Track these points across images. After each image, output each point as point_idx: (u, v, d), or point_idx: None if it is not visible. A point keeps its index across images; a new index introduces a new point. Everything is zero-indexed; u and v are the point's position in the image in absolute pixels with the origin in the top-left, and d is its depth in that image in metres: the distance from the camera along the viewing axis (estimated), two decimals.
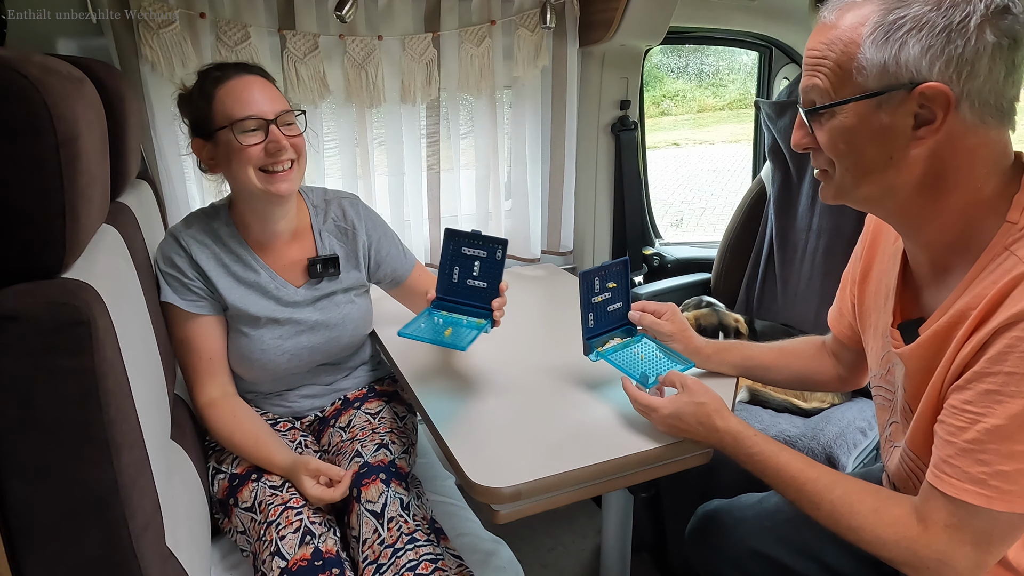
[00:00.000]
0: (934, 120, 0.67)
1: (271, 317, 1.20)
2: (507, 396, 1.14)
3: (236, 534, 1.11)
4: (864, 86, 0.69)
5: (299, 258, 1.23)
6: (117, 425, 0.68)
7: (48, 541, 0.66)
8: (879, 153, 0.71)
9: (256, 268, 1.20)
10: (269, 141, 1.08)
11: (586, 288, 1.08)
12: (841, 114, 0.72)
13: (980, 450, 0.67)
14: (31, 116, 0.60)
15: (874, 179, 0.74)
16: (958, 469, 0.69)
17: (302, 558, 1.00)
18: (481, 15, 1.72)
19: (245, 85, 1.10)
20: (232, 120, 1.07)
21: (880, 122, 0.69)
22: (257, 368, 1.21)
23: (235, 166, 1.09)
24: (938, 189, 0.72)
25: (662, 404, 0.96)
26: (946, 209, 0.73)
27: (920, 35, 0.65)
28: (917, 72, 0.66)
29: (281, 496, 1.09)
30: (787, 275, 1.85)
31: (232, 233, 1.20)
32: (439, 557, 1.02)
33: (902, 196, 0.74)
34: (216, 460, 1.19)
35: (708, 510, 1.17)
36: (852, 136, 0.72)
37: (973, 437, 0.68)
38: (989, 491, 0.67)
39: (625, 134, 1.99)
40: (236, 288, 1.18)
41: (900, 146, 0.70)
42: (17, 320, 0.62)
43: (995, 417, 0.66)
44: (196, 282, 1.15)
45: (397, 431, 1.25)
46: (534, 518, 1.00)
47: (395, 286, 1.38)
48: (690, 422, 0.93)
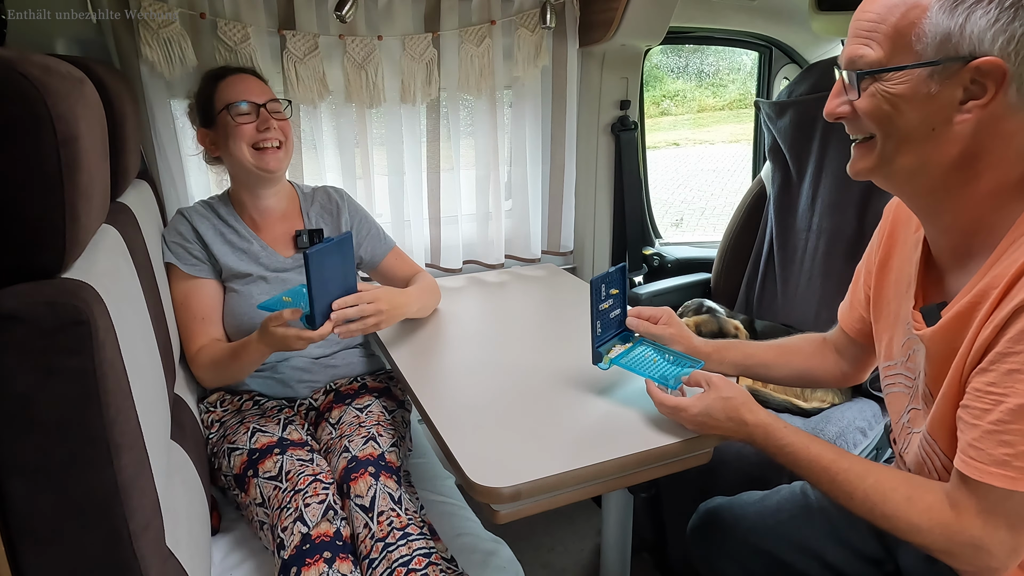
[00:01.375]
0: (983, 96, 0.67)
1: (260, 275, 1.36)
2: (507, 396, 1.15)
3: (255, 507, 1.12)
4: (922, 54, 0.68)
5: (288, 231, 1.42)
6: (117, 425, 0.68)
7: (48, 541, 0.66)
8: (923, 123, 0.71)
9: (249, 239, 1.38)
10: (259, 120, 1.31)
11: (596, 296, 1.08)
12: (892, 80, 0.70)
13: (1003, 431, 0.67)
14: (31, 116, 0.60)
15: (913, 149, 0.73)
16: (982, 452, 0.69)
17: (325, 533, 1.03)
18: (481, 15, 1.72)
19: (241, 79, 1.34)
20: (228, 102, 1.30)
21: (929, 91, 0.69)
22: (246, 322, 1.31)
23: (231, 144, 1.30)
24: (971, 170, 0.72)
25: (690, 404, 0.96)
26: (975, 192, 0.73)
27: (989, 7, 0.64)
28: (980, 44, 0.65)
29: (311, 468, 1.13)
30: (787, 275, 1.85)
31: (229, 211, 1.40)
32: (432, 552, 1.02)
33: (936, 174, 0.73)
34: (229, 442, 1.21)
35: (710, 507, 1.18)
36: (899, 102, 0.71)
37: (997, 418, 0.67)
38: (1014, 472, 0.67)
39: (625, 134, 1.99)
40: (231, 253, 1.35)
41: (944, 119, 0.69)
42: (17, 320, 0.62)
43: (1018, 396, 0.65)
44: (195, 246, 1.33)
45: (385, 424, 1.26)
46: (534, 518, 1.00)
47: (373, 267, 1.53)
48: (720, 418, 0.93)
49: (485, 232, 1.92)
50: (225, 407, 1.31)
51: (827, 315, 1.74)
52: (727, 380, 0.97)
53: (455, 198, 1.88)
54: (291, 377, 1.35)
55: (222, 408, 1.31)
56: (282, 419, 1.26)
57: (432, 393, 1.14)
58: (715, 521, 1.15)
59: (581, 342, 1.36)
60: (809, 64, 2.15)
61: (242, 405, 1.32)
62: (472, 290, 1.76)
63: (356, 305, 1.15)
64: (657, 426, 1.03)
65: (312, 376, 1.37)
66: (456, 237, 1.89)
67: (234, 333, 1.34)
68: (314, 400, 1.38)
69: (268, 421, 1.24)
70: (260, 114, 1.31)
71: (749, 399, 0.94)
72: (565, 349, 1.31)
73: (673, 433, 0.99)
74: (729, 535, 1.11)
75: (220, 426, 1.27)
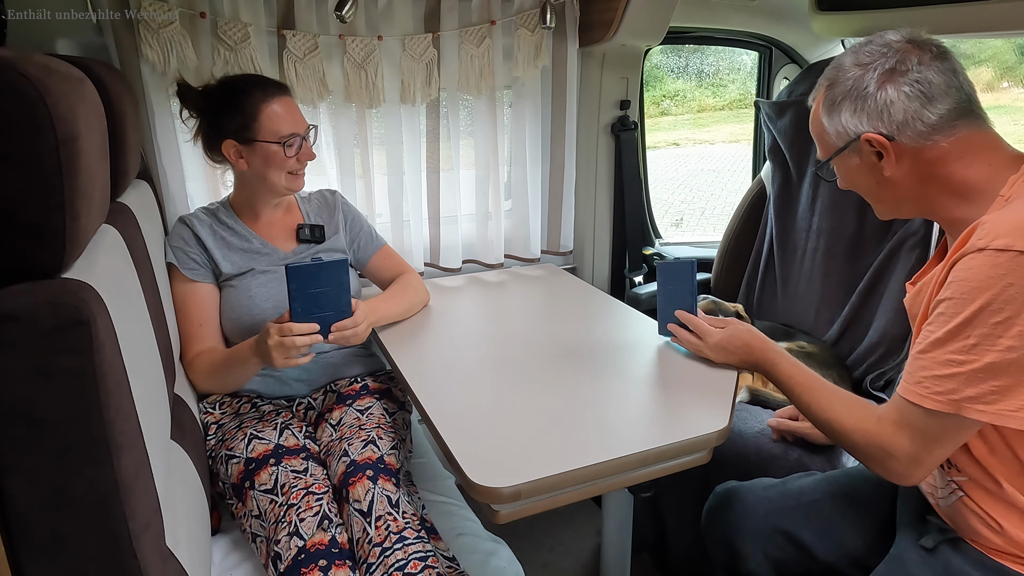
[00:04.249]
0: (885, 152, 0.89)
1: (262, 270, 1.37)
2: (507, 396, 1.14)
3: (250, 518, 1.12)
4: (836, 145, 0.95)
5: (288, 227, 1.45)
6: (117, 425, 0.68)
7: (48, 541, 0.66)
8: (868, 181, 0.95)
9: (249, 238, 1.40)
10: (302, 153, 1.35)
11: (664, 278, 1.27)
12: (835, 165, 0.99)
13: (923, 357, 0.83)
14: (31, 116, 0.60)
15: (880, 198, 0.97)
16: (909, 374, 0.85)
17: (319, 542, 1.03)
18: (481, 15, 1.72)
19: (287, 106, 1.33)
20: (280, 137, 1.31)
21: (856, 163, 0.95)
22: (245, 316, 1.33)
23: (270, 170, 1.33)
24: (932, 185, 0.90)
25: (713, 331, 1.19)
26: (949, 196, 0.89)
27: (846, 103, 0.91)
28: (857, 128, 0.91)
29: (304, 480, 1.12)
30: (787, 275, 1.86)
31: (229, 214, 1.42)
32: (429, 554, 1.02)
33: (912, 199, 0.93)
34: (227, 448, 1.21)
35: (728, 488, 1.22)
36: (848, 175, 0.98)
37: (920, 349, 0.83)
38: (923, 391, 0.82)
39: (625, 134, 1.99)
40: (229, 253, 1.37)
41: (878, 175, 0.93)
42: (17, 320, 0.62)
43: (939, 331, 0.81)
44: (195, 250, 1.34)
45: (386, 427, 1.26)
46: (534, 518, 1.00)
47: (362, 266, 1.56)
48: (737, 344, 1.15)
49: (485, 232, 1.92)
50: (223, 409, 1.31)
51: (827, 315, 1.75)
52: (740, 322, 1.19)
53: (455, 198, 1.87)
54: (289, 375, 1.36)
55: (220, 410, 1.30)
56: (279, 423, 1.25)
57: (432, 393, 1.14)
58: (735, 501, 1.18)
59: (581, 342, 1.36)
60: (809, 64, 2.15)
61: (240, 408, 1.31)
62: (472, 290, 1.76)
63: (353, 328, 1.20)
64: (657, 426, 1.03)
65: (310, 375, 1.37)
66: (456, 237, 1.89)
67: (231, 329, 1.35)
68: (313, 400, 1.38)
69: (265, 426, 1.24)
70: (303, 146, 1.35)
71: (758, 335, 1.14)
72: (565, 349, 1.31)
73: (673, 433, 0.99)
74: (749, 513, 1.15)
75: (218, 429, 1.27)
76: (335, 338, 1.18)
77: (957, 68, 0.88)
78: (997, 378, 0.76)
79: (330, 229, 1.49)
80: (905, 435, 0.85)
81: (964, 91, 0.87)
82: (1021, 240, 0.74)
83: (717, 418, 1.03)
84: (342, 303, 1.18)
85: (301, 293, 1.12)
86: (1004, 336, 0.75)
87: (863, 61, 0.90)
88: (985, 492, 0.87)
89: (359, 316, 1.21)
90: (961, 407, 0.79)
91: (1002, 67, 6.29)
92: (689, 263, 1.24)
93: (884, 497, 1.08)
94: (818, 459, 1.33)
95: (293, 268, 1.10)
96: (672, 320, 1.25)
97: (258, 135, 1.30)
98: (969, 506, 0.89)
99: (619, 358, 1.28)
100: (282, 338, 1.12)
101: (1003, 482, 0.85)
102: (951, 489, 0.92)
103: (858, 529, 1.08)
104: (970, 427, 0.82)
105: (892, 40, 0.89)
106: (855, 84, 0.90)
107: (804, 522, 1.11)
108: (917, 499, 1.02)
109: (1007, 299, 0.74)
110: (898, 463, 0.86)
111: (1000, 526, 0.86)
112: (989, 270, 0.75)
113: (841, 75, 0.92)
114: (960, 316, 0.78)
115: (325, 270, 1.13)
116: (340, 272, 1.16)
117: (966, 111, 0.87)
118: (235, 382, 1.31)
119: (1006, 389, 0.76)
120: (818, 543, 1.09)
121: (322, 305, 1.15)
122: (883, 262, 1.62)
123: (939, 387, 0.80)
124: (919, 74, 0.86)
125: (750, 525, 1.14)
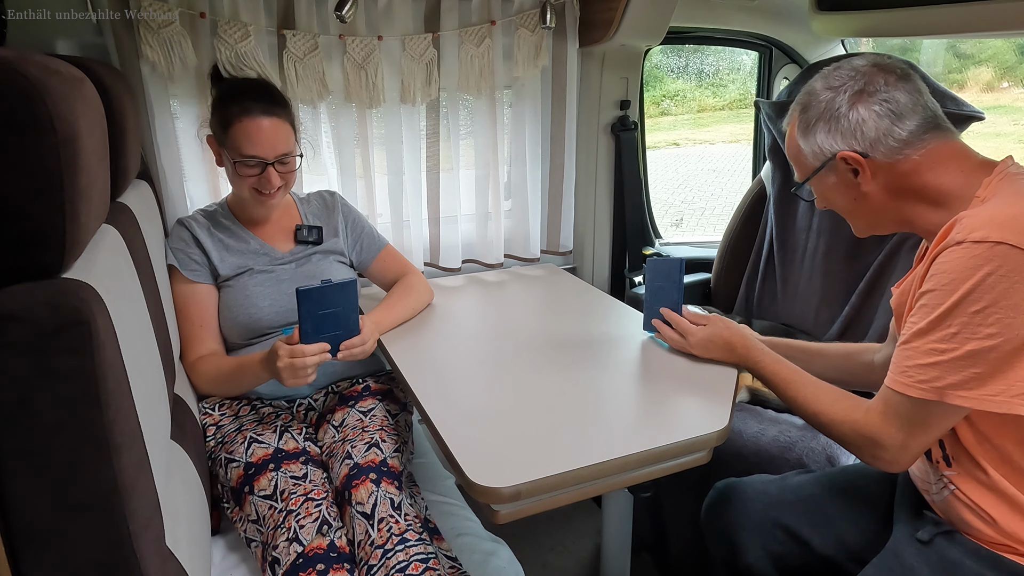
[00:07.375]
0: (861, 169, 0.94)
1: (260, 269, 1.38)
2: (507, 396, 1.15)
3: (247, 523, 1.12)
4: (813, 166, 0.99)
5: (286, 229, 1.46)
6: (117, 425, 0.68)
7: (48, 541, 0.66)
8: (846, 199, 1.00)
9: (247, 239, 1.41)
10: (262, 177, 1.31)
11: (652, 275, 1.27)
12: (813, 185, 1.03)
13: (907, 347, 0.86)
14: (31, 116, 0.60)
15: (858, 215, 1.01)
16: (895, 364, 0.88)
17: (318, 547, 1.03)
18: (481, 15, 1.72)
19: (258, 128, 1.28)
20: (239, 155, 1.29)
21: (833, 182, 0.99)
22: (243, 315, 1.34)
23: (234, 180, 1.34)
24: (907, 197, 0.94)
25: (697, 330, 1.20)
26: (926, 205, 0.94)
27: (820, 124, 0.96)
28: (832, 147, 0.95)
29: (303, 487, 1.12)
30: (787, 275, 1.86)
31: (227, 215, 1.43)
32: (430, 556, 1.02)
33: (890, 213, 0.97)
34: (227, 451, 1.20)
35: (728, 483, 1.23)
36: (826, 194, 1.02)
37: (905, 339, 0.86)
38: (907, 380, 0.85)
39: (625, 134, 1.99)
40: (227, 255, 1.38)
41: (855, 191, 0.97)
42: (17, 320, 0.62)
43: (921, 322, 0.84)
44: (195, 251, 1.35)
45: (388, 429, 1.26)
46: (534, 518, 1.00)
47: (364, 268, 1.56)
48: (718, 342, 1.18)
49: (484, 232, 1.92)
50: (223, 411, 1.30)
51: (827, 315, 1.75)
52: (721, 317, 1.22)
53: (455, 198, 1.87)
54: None
55: (219, 412, 1.30)
56: (279, 426, 1.25)
57: (432, 393, 1.14)
58: (735, 495, 1.19)
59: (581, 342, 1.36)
60: (809, 64, 2.15)
61: (239, 410, 1.31)
62: (471, 290, 1.76)
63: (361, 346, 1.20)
64: (657, 426, 1.03)
65: None
66: (455, 237, 1.89)
67: (229, 329, 1.35)
68: (314, 401, 1.37)
69: (265, 429, 1.23)
70: (266, 171, 1.30)
71: (739, 330, 1.18)
72: (565, 349, 1.31)
73: (673, 433, 0.99)
74: (749, 507, 1.16)
75: (217, 431, 1.26)
76: (344, 356, 1.18)
77: (921, 88, 0.93)
78: (977, 365, 0.80)
79: (328, 231, 1.49)
80: (892, 424, 0.88)
81: (929, 108, 0.92)
82: (996, 231, 0.78)
83: (717, 418, 1.03)
84: (351, 322, 1.18)
85: (311, 315, 1.12)
86: (984, 324, 0.79)
87: (833, 84, 0.95)
88: (975, 483, 0.89)
89: (366, 333, 1.21)
90: (944, 394, 0.82)
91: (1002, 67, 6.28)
92: (678, 260, 1.25)
93: (882, 492, 1.10)
94: (818, 459, 1.33)
95: (304, 291, 1.10)
96: (657, 316, 1.26)
97: (226, 143, 1.31)
98: (961, 499, 0.91)
99: (619, 358, 1.28)
100: (292, 360, 1.12)
101: (989, 469, 0.87)
102: (943, 484, 0.94)
103: (856, 523, 1.09)
104: (954, 413, 0.85)
105: (859, 64, 0.95)
106: (828, 106, 0.95)
107: (803, 516, 1.12)
108: (913, 494, 1.03)
109: (985, 288, 0.78)
110: (886, 451, 0.89)
111: (992, 518, 0.87)
112: (967, 261, 0.79)
113: (813, 99, 0.97)
114: (942, 307, 0.81)
115: (335, 292, 1.13)
116: (349, 293, 1.15)
117: (933, 125, 0.92)
118: (241, 391, 1.31)
119: (986, 376, 0.80)
120: (817, 537, 1.10)
121: (331, 325, 1.15)
122: (883, 262, 1.62)
123: (923, 375, 0.83)
124: (887, 94, 0.91)
125: (749, 519, 1.15)
